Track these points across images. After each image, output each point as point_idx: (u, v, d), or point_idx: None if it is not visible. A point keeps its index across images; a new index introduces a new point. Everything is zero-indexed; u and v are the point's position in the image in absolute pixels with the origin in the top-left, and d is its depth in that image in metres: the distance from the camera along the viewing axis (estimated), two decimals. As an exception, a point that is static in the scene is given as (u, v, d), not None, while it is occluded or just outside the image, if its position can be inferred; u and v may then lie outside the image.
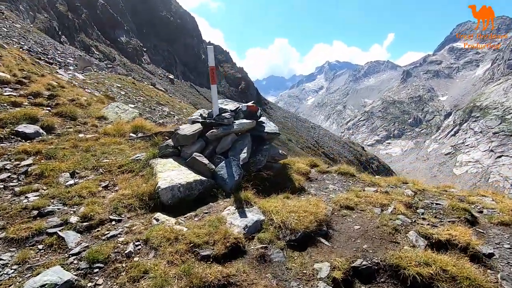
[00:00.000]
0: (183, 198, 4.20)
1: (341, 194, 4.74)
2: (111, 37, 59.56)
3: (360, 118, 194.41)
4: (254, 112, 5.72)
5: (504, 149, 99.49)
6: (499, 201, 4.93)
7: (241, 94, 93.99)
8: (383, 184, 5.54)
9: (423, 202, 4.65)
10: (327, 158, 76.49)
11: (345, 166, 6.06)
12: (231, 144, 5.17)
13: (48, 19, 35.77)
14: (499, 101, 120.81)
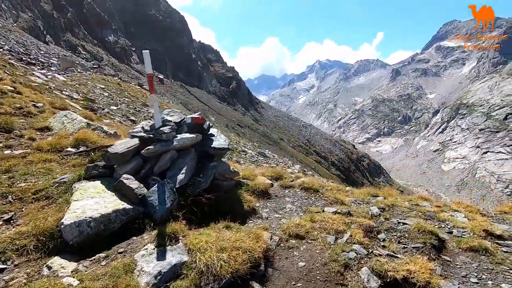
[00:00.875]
0: (97, 234, 3.44)
1: (293, 219, 4.18)
2: (99, 37, 58.54)
3: (351, 116, 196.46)
4: (200, 125, 5.07)
5: (489, 145, 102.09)
6: (472, 217, 4.57)
7: (232, 93, 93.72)
8: (348, 201, 5.08)
9: (388, 223, 4.21)
10: (318, 156, 77.11)
11: (310, 180, 5.67)
12: (170, 162, 4.46)
13: (32, 18, 34.88)
14: (485, 98, 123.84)
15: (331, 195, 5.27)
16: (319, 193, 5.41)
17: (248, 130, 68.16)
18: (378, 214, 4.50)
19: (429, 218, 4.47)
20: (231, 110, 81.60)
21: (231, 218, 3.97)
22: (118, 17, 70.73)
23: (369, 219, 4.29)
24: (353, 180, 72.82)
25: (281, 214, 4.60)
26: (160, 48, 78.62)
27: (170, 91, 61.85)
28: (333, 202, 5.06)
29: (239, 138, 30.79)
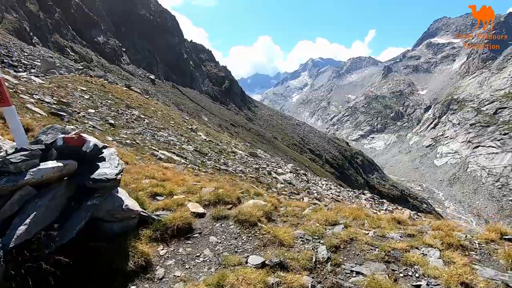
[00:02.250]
0: None
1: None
2: (88, 38, 57.60)
3: (344, 113, 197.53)
4: (77, 147, 3.57)
5: (480, 139, 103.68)
6: (449, 258, 3.38)
7: (225, 93, 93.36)
8: (291, 239, 3.81)
9: (336, 275, 3.14)
10: (312, 154, 77.35)
11: (248, 210, 4.34)
12: (19, 205, 3.02)
13: (17, 19, 34.13)
14: (475, 93, 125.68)
15: (271, 232, 3.93)
16: (257, 227, 4.12)
17: (241, 130, 68.01)
18: (326, 260, 3.41)
19: (393, 261, 3.41)
20: (224, 110, 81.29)
21: (104, 285, 2.80)
22: (107, 17, 69.72)
23: (308, 272, 3.16)
24: (347, 177, 73.26)
25: (189, 269, 3.28)
26: (151, 48, 77.88)
27: (162, 91, 61.29)
28: (269, 243, 3.75)
29: (231, 138, 30.61)
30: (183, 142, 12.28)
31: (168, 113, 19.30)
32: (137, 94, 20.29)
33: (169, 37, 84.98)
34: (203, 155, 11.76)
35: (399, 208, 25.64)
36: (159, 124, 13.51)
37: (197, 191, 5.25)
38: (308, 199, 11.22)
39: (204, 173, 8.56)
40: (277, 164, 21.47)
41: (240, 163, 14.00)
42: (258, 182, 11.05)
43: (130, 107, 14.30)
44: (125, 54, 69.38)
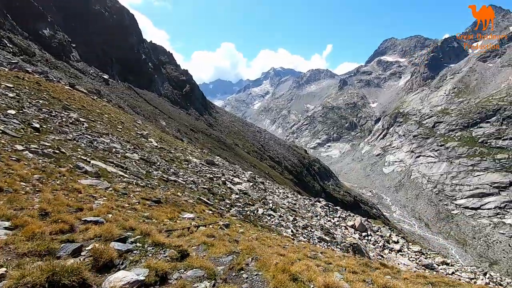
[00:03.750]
0: None
1: None
2: (31, 30, 51.94)
3: (303, 122, 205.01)
4: None
5: (421, 150, 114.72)
6: None
7: (186, 97, 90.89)
8: None
9: None
10: (272, 161, 78.42)
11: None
12: None
13: None
14: (417, 108, 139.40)
15: None
16: None
17: (201, 135, 66.45)
18: None
19: None
20: (184, 114, 78.92)
21: None
22: (57, 9, 63.86)
23: None
24: (305, 184, 75.50)
25: None
26: (105, 46, 72.92)
27: (116, 92, 57.46)
28: None
29: (188, 144, 29.49)
30: (128, 150, 11.17)
31: (117, 117, 17.73)
32: (83, 94, 18.35)
33: (127, 36, 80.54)
34: (150, 164, 10.83)
35: (352, 215, 26.80)
36: (102, 129, 12.17)
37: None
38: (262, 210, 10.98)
39: (141, 188, 7.60)
40: (234, 173, 21.04)
41: (193, 172, 13.25)
42: (211, 193, 10.51)
43: (68, 108, 12.72)
44: (75, 50, 63.92)
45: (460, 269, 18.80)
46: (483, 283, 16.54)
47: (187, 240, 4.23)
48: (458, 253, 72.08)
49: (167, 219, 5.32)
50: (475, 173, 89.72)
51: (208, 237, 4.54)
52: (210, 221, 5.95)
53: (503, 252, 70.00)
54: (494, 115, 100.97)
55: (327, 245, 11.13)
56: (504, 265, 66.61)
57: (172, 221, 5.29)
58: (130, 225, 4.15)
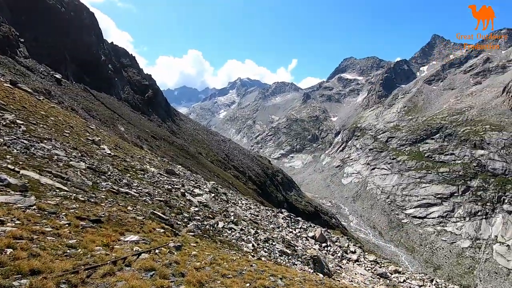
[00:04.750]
0: None
1: None
2: (-32, 19, 46.24)
3: (268, 133, 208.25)
4: None
5: (376, 162, 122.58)
6: None
7: (148, 102, 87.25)
8: None
9: None
10: (236, 171, 77.82)
11: None
12: None
13: None
14: (373, 123, 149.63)
15: None
16: None
17: (163, 143, 63.85)
18: None
19: None
20: (145, 120, 75.41)
21: None
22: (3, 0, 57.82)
23: None
24: (268, 194, 75.89)
25: None
26: (60, 44, 67.47)
27: (70, 94, 53.09)
28: None
29: (146, 152, 27.92)
30: (74, 158, 9.96)
31: (66, 120, 16.01)
32: (26, 93, 16.33)
33: (85, 35, 75.50)
34: (99, 174, 9.78)
35: (312, 226, 27.26)
36: (44, 133, 10.75)
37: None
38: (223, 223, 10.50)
39: (80, 203, 6.46)
40: (196, 183, 20.24)
41: (149, 183, 12.32)
42: (167, 206, 9.78)
43: (3, 109, 11.08)
44: (24, 45, 58.18)
45: (410, 277, 19.90)
46: (430, 290, 17.63)
47: (112, 283, 3.39)
48: (407, 259, 77.13)
49: (100, 246, 4.38)
50: (422, 185, 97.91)
51: (145, 273, 3.75)
52: (159, 243, 5.21)
53: (445, 257, 76.50)
54: (438, 133, 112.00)
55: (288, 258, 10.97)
56: (446, 269, 72.67)
57: (106, 249, 4.38)
58: (33, 266, 3.09)
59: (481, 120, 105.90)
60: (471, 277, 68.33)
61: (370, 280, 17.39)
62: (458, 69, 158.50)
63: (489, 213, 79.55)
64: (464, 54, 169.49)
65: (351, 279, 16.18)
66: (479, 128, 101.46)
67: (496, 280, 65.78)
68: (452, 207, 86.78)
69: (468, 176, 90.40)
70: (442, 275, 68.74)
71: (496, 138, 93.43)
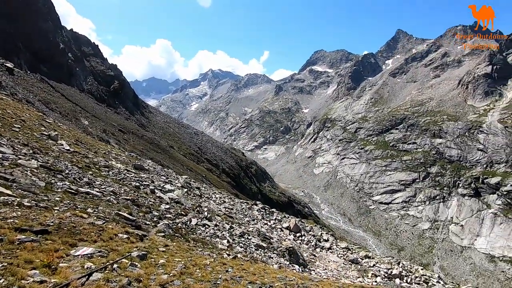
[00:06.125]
0: None
1: None
2: None
3: (241, 125, 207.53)
4: None
5: (345, 152, 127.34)
6: None
7: (114, 94, 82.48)
8: None
9: None
10: (210, 164, 76.71)
11: None
12: None
13: None
14: (342, 115, 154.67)
15: None
16: None
17: (132, 137, 60.97)
18: None
19: None
20: (111, 113, 71.30)
21: None
22: None
23: None
24: (243, 186, 75.97)
25: None
26: (11, 30, 61.01)
27: (24, 85, 48.49)
28: None
29: (111, 147, 26.33)
30: (24, 155, 8.82)
31: (16, 113, 14.33)
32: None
33: (40, 21, 68.95)
34: (55, 173, 8.79)
35: (287, 216, 27.59)
36: (-14, 129, 9.46)
37: None
38: (196, 220, 10.07)
39: (24, 209, 5.15)
40: (167, 178, 19.43)
41: (114, 181, 11.43)
42: (135, 205, 9.11)
43: None
44: (-36, 30, 51.92)
45: (379, 261, 20.88)
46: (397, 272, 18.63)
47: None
48: (374, 243, 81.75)
49: (38, 269, 3.38)
50: (387, 173, 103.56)
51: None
52: (119, 253, 4.53)
53: (408, 239, 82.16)
54: (401, 123, 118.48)
55: (264, 252, 10.86)
56: (408, 250, 78.13)
57: (46, 271, 3.43)
58: None
59: (440, 111, 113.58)
60: (430, 256, 74.17)
61: (343, 266, 17.97)
62: (419, 62, 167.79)
63: (446, 197, 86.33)
64: (425, 49, 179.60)
65: (325, 267, 16.58)
66: (437, 118, 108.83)
67: (451, 258, 72.02)
68: (414, 193, 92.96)
69: (428, 163, 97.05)
70: (405, 256, 73.89)
71: (452, 127, 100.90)
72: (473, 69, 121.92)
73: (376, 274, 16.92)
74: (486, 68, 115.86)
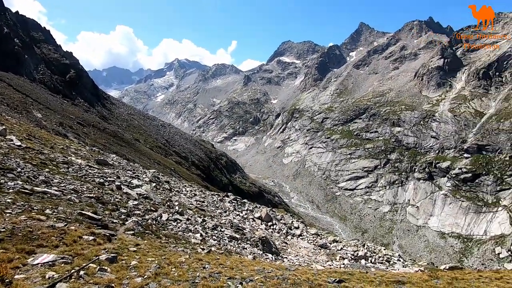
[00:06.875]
0: None
1: None
2: None
3: (210, 116, 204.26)
4: None
5: (313, 142, 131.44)
6: None
7: (70, 84, 76.26)
8: None
9: None
10: (178, 157, 74.79)
11: None
12: None
13: None
14: (310, 106, 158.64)
15: None
16: None
17: (93, 130, 57.20)
18: None
19: None
20: (68, 105, 65.98)
21: None
22: None
23: None
24: (213, 178, 75.36)
25: None
26: None
27: (-40, 73, 43.04)
28: None
29: (69, 141, 24.49)
30: None
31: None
32: None
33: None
34: (5, 171, 7.89)
35: (258, 206, 27.95)
36: None
37: None
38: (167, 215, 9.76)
39: None
40: (133, 173, 18.57)
41: (75, 178, 10.59)
42: (100, 203, 8.54)
43: None
44: None
45: (346, 244, 22.04)
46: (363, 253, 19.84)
47: None
48: (340, 227, 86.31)
49: None
50: (352, 160, 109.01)
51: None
52: (86, 257, 4.10)
53: (370, 222, 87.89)
54: (364, 113, 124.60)
55: (237, 243, 10.89)
56: (371, 232, 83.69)
57: None
58: None
59: (398, 101, 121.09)
60: (390, 236, 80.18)
61: (313, 251, 18.73)
62: (380, 55, 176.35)
63: (403, 181, 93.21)
64: (385, 42, 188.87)
65: (296, 254, 17.15)
66: (396, 108, 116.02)
67: (408, 237, 78.51)
68: (376, 178, 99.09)
69: (388, 150, 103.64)
70: (368, 237, 79.12)
71: (409, 116, 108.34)
72: (427, 62, 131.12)
73: (343, 256, 17.85)
74: (438, 61, 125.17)
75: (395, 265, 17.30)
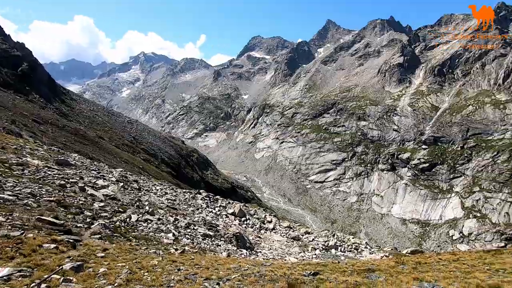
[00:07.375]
0: None
1: None
2: None
3: (179, 112, 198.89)
4: None
5: (284, 136, 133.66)
6: None
7: (23, 79, 69.88)
8: None
9: None
10: (147, 154, 72.07)
11: None
12: None
13: None
14: (280, 101, 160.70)
15: None
16: None
17: (51, 128, 53.10)
18: None
19: None
20: (21, 101, 60.44)
21: None
22: None
23: None
24: (184, 175, 73.78)
25: None
26: None
27: None
28: None
29: (24, 141, 22.53)
30: None
31: None
32: None
33: None
34: None
35: (231, 202, 27.89)
36: None
37: None
38: (136, 215, 9.36)
39: None
40: (98, 173, 17.57)
41: (32, 180, 9.72)
42: (62, 207, 7.94)
43: None
44: None
45: (318, 235, 22.80)
46: (333, 243, 20.66)
47: None
48: (311, 219, 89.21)
49: None
50: (321, 154, 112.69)
51: None
52: (47, 268, 3.71)
53: (339, 212, 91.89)
54: (332, 108, 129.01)
55: (211, 241, 10.78)
56: (340, 222, 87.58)
57: None
58: None
59: (363, 96, 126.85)
60: (357, 225, 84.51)
61: (286, 244, 19.14)
62: (346, 52, 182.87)
63: (369, 173, 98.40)
64: (350, 39, 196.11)
65: (270, 247, 17.41)
66: (362, 103, 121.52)
67: (373, 224, 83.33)
68: (343, 171, 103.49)
69: (354, 143, 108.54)
70: (337, 227, 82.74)
71: (373, 111, 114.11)
72: (389, 59, 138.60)
73: (315, 247, 18.45)
74: (399, 59, 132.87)
75: (362, 252, 18.22)
